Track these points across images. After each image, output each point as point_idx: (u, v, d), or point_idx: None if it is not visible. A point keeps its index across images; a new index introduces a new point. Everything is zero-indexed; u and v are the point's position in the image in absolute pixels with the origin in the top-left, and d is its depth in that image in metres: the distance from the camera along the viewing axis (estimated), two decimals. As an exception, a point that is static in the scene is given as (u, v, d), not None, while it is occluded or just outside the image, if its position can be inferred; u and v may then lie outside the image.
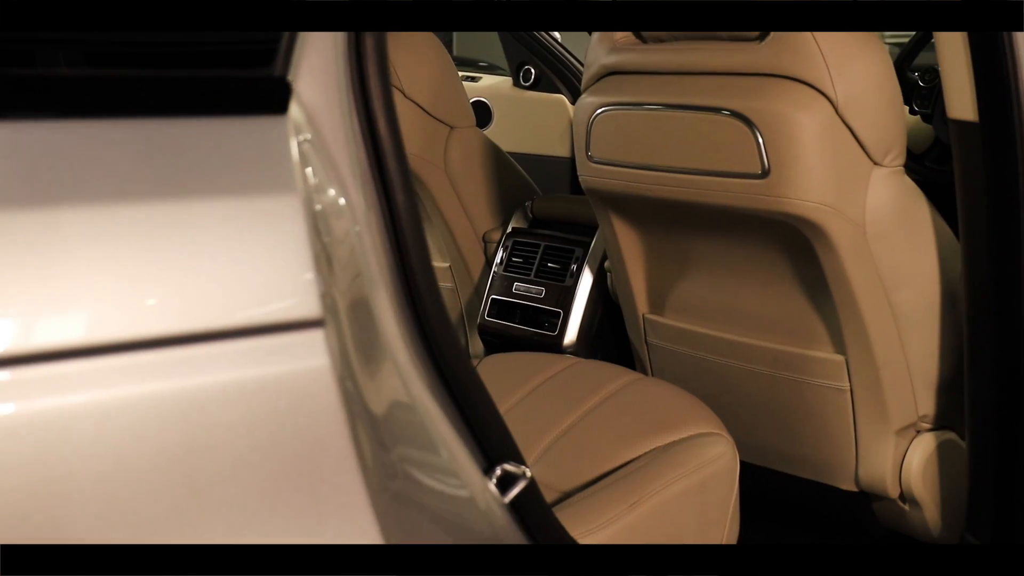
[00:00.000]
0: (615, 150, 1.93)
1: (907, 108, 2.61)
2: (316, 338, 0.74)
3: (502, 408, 1.80)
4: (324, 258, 0.77)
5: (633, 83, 1.91)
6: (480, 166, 2.54)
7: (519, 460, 1.03)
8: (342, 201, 0.84)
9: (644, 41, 1.92)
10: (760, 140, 1.70)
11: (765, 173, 1.71)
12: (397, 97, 2.37)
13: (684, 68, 1.83)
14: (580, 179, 2.03)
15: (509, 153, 3.90)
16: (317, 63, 0.84)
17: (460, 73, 4.31)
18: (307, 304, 0.74)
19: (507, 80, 4.18)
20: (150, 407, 0.70)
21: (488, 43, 4.34)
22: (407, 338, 0.92)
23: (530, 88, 3.87)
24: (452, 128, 2.49)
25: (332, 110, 0.85)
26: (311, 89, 0.83)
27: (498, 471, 1.01)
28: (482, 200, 2.55)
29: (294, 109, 0.80)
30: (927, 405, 1.86)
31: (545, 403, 1.79)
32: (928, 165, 2.54)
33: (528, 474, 1.02)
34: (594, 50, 1.98)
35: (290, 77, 0.81)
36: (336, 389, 0.75)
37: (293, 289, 0.74)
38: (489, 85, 4.17)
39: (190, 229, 0.72)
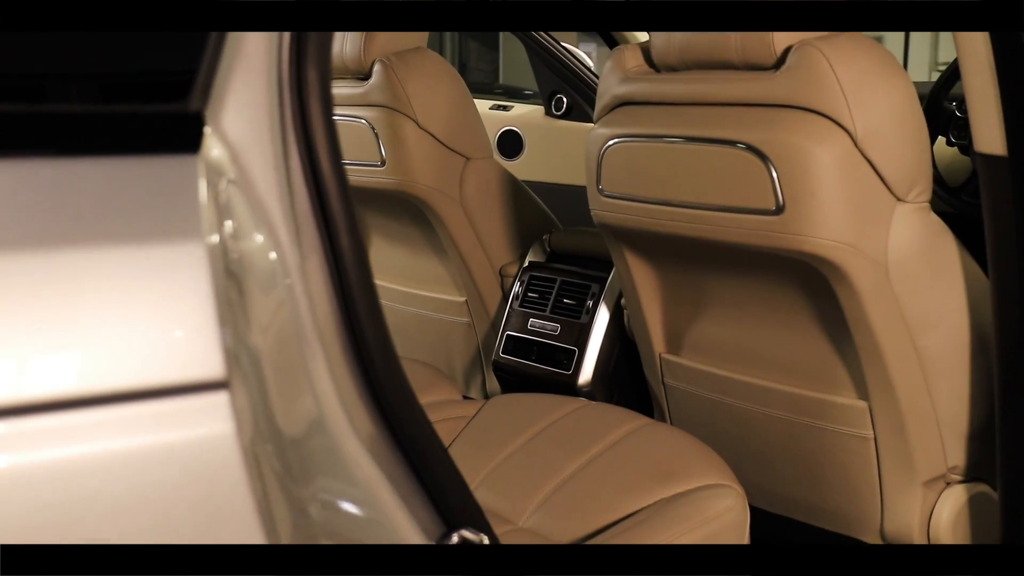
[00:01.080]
0: (626, 184, 1.85)
1: (943, 139, 2.50)
2: (219, 402, 0.67)
3: (503, 453, 1.73)
4: (236, 312, 0.70)
5: (645, 114, 1.83)
6: (497, 198, 2.47)
7: (480, 526, 0.95)
8: (270, 249, 0.77)
9: (658, 71, 1.84)
10: (774, 174, 1.61)
11: (780, 209, 1.62)
12: (410, 128, 2.32)
13: (697, 99, 1.75)
14: (592, 213, 1.96)
15: (540, 183, 3.84)
16: (246, 96, 0.77)
17: (491, 102, 4.28)
18: (208, 364, 0.67)
19: (539, 109, 4.12)
20: (22, 480, 0.63)
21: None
22: (354, 400, 0.84)
23: (562, 117, 3.80)
24: (468, 159, 2.42)
25: (263, 148, 0.78)
26: (238, 125, 0.76)
27: (455, 538, 0.93)
28: (498, 233, 2.48)
29: (214, 147, 0.73)
30: (957, 455, 1.75)
31: (548, 449, 1.71)
32: (965, 199, 2.42)
33: (486, 541, 0.94)
34: (606, 80, 1.90)
35: (209, 112, 0.74)
36: (242, 460, 0.67)
37: (192, 347, 0.67)
38: (520, 114, 4.11)
39: (74, 281, 0.65)
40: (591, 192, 1.94)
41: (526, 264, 2.46)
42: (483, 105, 4.26)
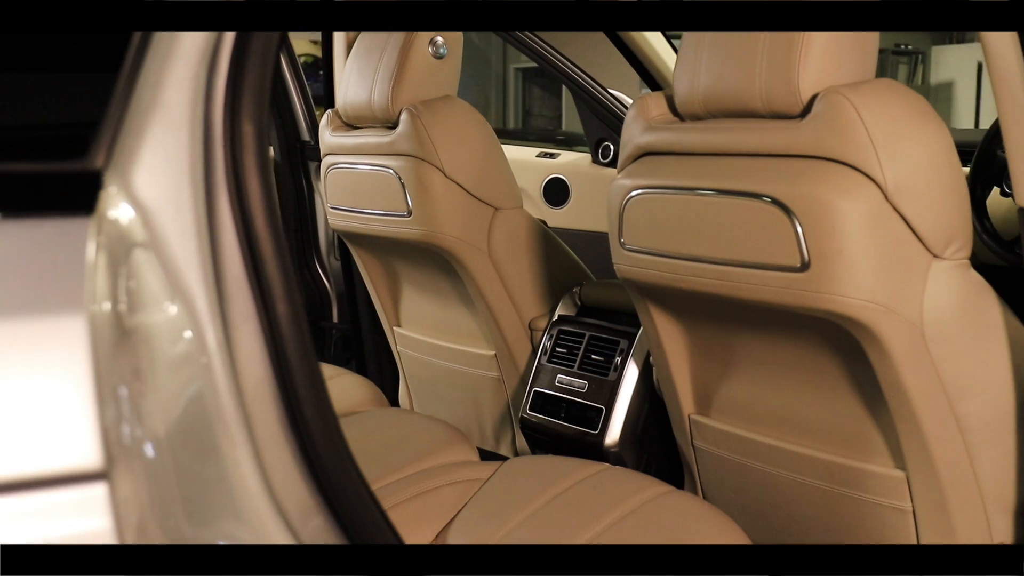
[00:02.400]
0: (648, 237, 1.77)
1: (998, 189, 2.38)
2: (95, 495, 0.60)
3: (514, 521, 1.64)
4: (127, 393, 0.63)
5: (668, 164, 1.75)
6: (526, 249, 2.39)
7: None
8: (183, 321, 0.70)
9: (682, 119, 1.76)
10: (799, 229, 1.52)
11: (805, 266, 1.52)
12: (437, 177, 2.27)
13: (721, 149, 1.66)
14: (615, 267, 1.88)
15: (587, 231, 3.76)
16: (164, 152, 0.71)
17: (538, 150, 4.23)
18: (82, 452, 0.60)
19: (586, 157, 4.05)
20: None
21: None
22: (288, 482, 0.77)
23: (609, 165, 3.72)
24: (496, 209, 2.36)
25: (182, 209, 0.72)
26: (152, 183, 0.70)
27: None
28: (528, 285, 2.40)
29: (117, 208, 0.67)
30: (1003, 531, 1.63)
31: (560, 516, 1.62)
32: (1019, 253, 2.29)
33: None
34: (629, 129, 1.83)
35: (114, 170, 0.68)
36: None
37: (63, 433, 0.60)
38: (567, 162, 4.05)
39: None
40: (613, 245, 1.86)
41: (555, 318, 2.38)
42: (529, 153, 4.22)
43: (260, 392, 0.76)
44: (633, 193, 1.78)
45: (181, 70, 0.74)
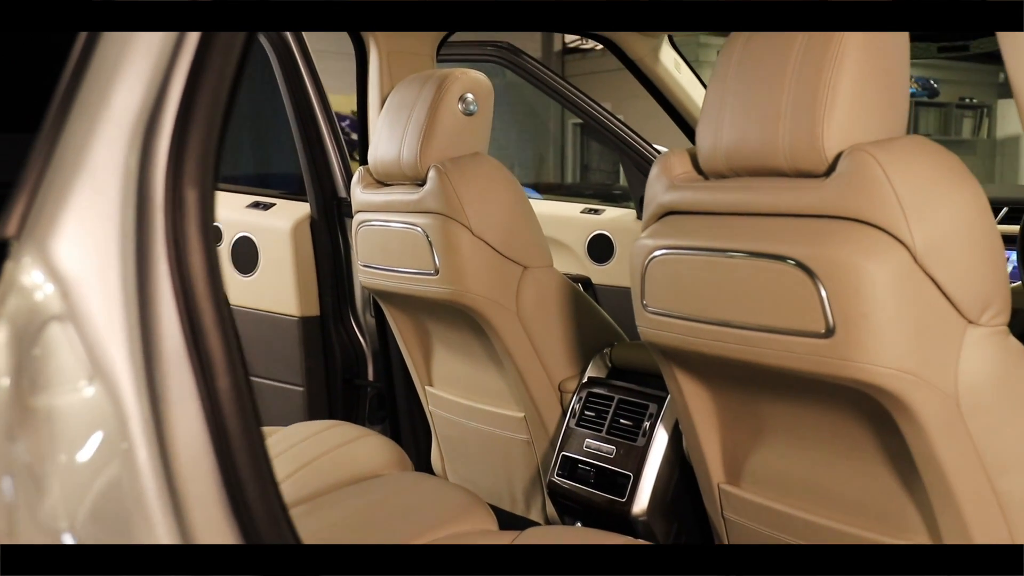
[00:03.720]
0: (671, 299, 1.71)
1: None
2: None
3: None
4: (19, 479, 0.58)
5: (691, 224, 1.68)
6: (556, 309, 2.34)
7: None
8: (102, 401, 0.66)
9: (706, 177, 1.70)
10: (823, 293, 1.44)
11: (829, 332, 1.45)
12: (464, 235, 2.22)
13: (744, 208, 1.60)
14: (638, 330, 1.81)
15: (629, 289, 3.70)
16: (91, 219, 0.67)
17: (583, 206, 4.19)
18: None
19: (631, 213, 4.01)
20: None
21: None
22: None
23: (653, 221, 3.67)
24: (525, 268, 2.31)
25: (108, 280, 0.67)
26: (74, 252, 0.66)
27: None
28: (558, 346, 2.34)
29: (29, 278, 0.63)
30: (1049, 616, 1.51)
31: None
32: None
33: None
34: (652, 187, 1.77)
35: (28, 237, 0.64)
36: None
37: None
38: (612, 218, 4.01)
39: None
40: (636, 307, 1.79)
41: (585, 380, 2.31)
42: (574, 209, 4.18)
43: (197, 474, 0.71)
44: (655, 253, 1.72)
45: (112, 130, 0.70)
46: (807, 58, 1.49)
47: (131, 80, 0.72)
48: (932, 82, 10.56)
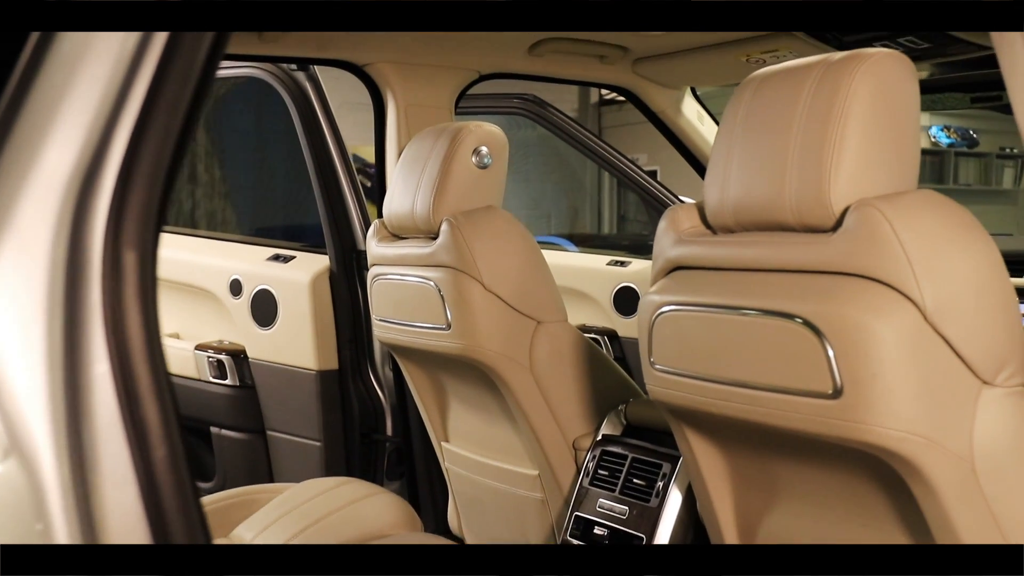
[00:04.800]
0: (677, 357, 1.66)
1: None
2: None
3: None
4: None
5: (698, 280, 1.64)
6: (570, 365, 2.29)
7: None
8: (16, 480, 0.63)
9: (714, 232, 1.66)
10: (830, 352, 1.39)
11: (837, 393, 1.39)
12: (476, 290, 2.19)
13: (751, 264, 1.55)
14: (647, 388, 1.76)
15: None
16: (14, 284, 0.64)
17: (609, 258, 4.15)
18: None
19: (658, 265, 3.96)
20: None
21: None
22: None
23: (679, 274, 3.62)
24: (539, 323, 2.27)
25: (32, 349, 0.65)
26: (-2, 319, 0.63)
27: None
28: (572, 403, 2.29)
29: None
30: None
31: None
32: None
33: None
34: (660, 242, 1.73)
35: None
36: None
37: None
38: (638, 270, 3.96)
39: None
40: (644, 364, 1.75)
41: (599, 437, 2.26)
42: (600, 260, 4.15)
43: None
44: (662, 309, 1.68)
45: (43, 185, 0.68)
46: (813, 111, 1.45)
47: (68, 132, 0.70)
48: (972, 132, 10.45)
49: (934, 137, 10.46)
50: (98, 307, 0.69)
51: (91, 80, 0.71)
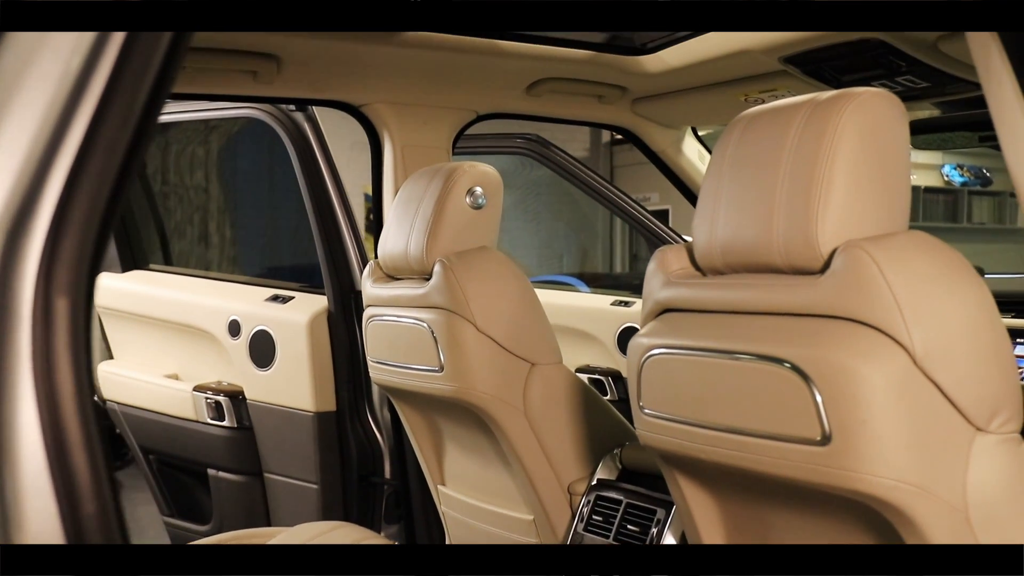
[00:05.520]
0: (667, 401, 1.63)
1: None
2: None
3: None
4: None
5: (686, 322, 1.61)
6: (565, 408, 2.26)
7: None
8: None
9: (704, 274, 1.63)
10: (818, 398, 1.36)
11: (826, 439, 1.36)
12: (469, 331, 2.17)
13: (739, 307, 1.52)
14: (637, 433, 1.73)
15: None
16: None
17: (613, 297, 4.12)
18: None
19: (662, 305, 3.93)
20: None
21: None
22: None
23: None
24: (533, 365, 2.24)
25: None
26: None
27: None
28: (567, 446, 2.26)
29: None
30: None
31: None
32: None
33: None
34: (649, 283, 1.71)
35: None
36: None
37: None
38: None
39: None
40: (633, 409, 1.71)
41: (594, 482, 2.22)
42: (604, 301, 4.12)
43: None
44: (651, 353, 1.64)
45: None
46: (800, 151, 1.43)
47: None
48: (985, 171, 10.42)
49: (947, 176, 10.44)
50: (27, 356, 0.67)
51: (24, 113, 0.69)
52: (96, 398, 3.84)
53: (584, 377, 3.88)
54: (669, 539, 2.00)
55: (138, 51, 0.73)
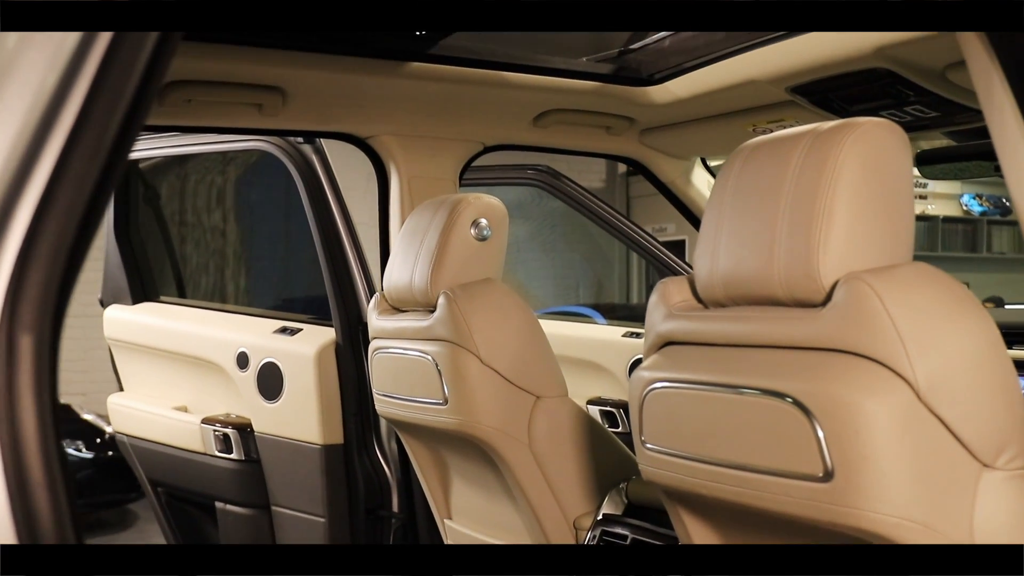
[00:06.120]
0: (668, 436, 1.60)
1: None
2: None
3: None
4: None
5: (688, 355, 1.59)
6: (570, 441, 2.23)
7: None
8: None
9: (705, 306, 1.61)
10: (820, 433, 1.33)
11: (828, 476, 1.33)
12: (473, 364, 2.15)
13: (740, 340, 1.50)
14: (639, 468, 1.70)
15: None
16: None
17: (624, 329, 4.09)
18: None
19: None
20: None
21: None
22: None
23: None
24: (538, 398, 2.21)
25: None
26: None
27: None
28: (572, 480, 2.23)
29: None
30: None
31: None
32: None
33: None
34: (651, 316, 1.68)
35: None
36: None
37: None
38: (654, 342, 3.90)
39: None
40: (636, 443, 1.69)
41: (600, 517, 2.19)
42: (616, 332, 4.09)
43: None
44: (653, 386, 1.62)
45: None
46: (801, 181, 1.41)
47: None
48: (1004, 200, 10.35)
49: (966, 205, 10.38)
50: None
51: None
52: (110, 430, 3.81)
53: (595, 409, 3.85)
54: None
55: (109, 87, 0.72)
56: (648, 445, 1.64)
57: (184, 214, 4.56)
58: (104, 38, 0.72)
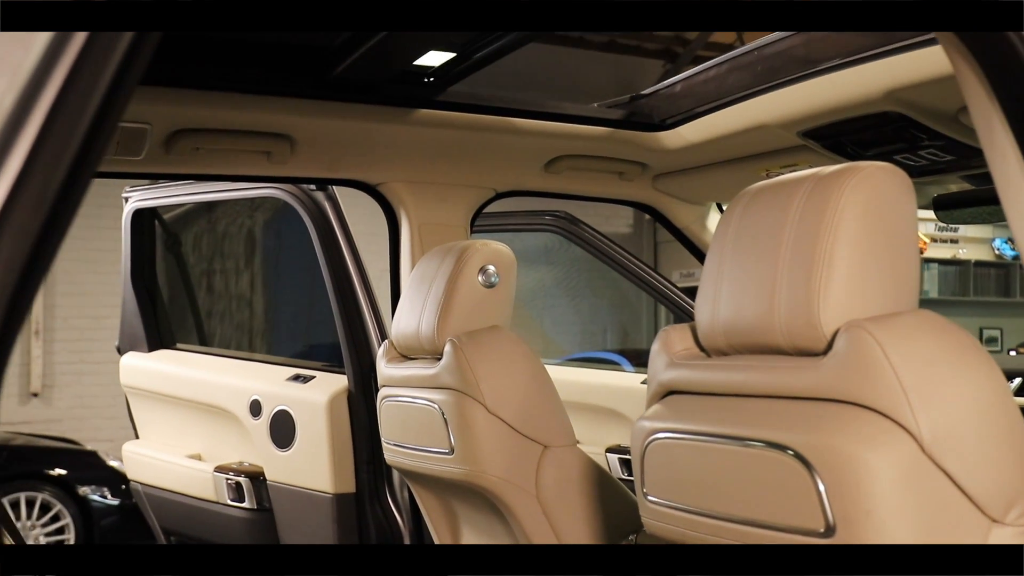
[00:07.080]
0: (670, 488, 1.56)
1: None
2: None
3: None
4: None
5: (689, 405, 1.55)
6: (578, 492, 2.19)
7: None
8: None
9: (708, 355, 1.57)
10: (821, 487, 1.28)
11: (829, 531, 1.28)
12: (480, 413, 2.12)
13: (742, 390, 1.46)
14: (642, 521, 1.66)
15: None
16: None
17: (642, 376, 4.04)
18: None
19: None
20: None
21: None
22: None
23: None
24: (546, 447, 2.18)
25: None
26: None
27: None
28: (580, 532, 2.18)
29: None
30: None
31: None
32: None
33: None
34: (653, 364, 1.65)
35: None
36: None
37: None
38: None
39: None
40: (638, 496, 1.65)
41: (608, 570, 2.14)
42: (635, 379, 4.05)
43: None
44: (654, 436, 1.58)
45: None
46: (802, 227, 1.38)
47: None
48: (1036, 244, 10.23)
49: (998, 249, 10.27)
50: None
51: None
52: (127, 479, 3.78)
53: (615, 457, 3.80)
54: (683, 632, 1.91)
55: (56, 132, 0.70)
56: (650, 497, 1.60)
57: (211, 261, 4.57)
58: (79, 38, 0.71)
